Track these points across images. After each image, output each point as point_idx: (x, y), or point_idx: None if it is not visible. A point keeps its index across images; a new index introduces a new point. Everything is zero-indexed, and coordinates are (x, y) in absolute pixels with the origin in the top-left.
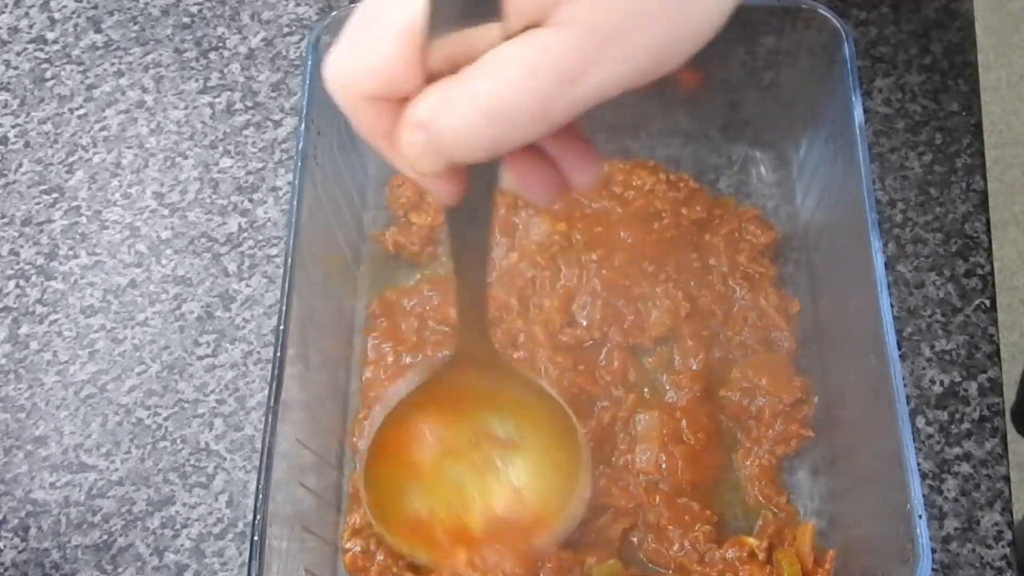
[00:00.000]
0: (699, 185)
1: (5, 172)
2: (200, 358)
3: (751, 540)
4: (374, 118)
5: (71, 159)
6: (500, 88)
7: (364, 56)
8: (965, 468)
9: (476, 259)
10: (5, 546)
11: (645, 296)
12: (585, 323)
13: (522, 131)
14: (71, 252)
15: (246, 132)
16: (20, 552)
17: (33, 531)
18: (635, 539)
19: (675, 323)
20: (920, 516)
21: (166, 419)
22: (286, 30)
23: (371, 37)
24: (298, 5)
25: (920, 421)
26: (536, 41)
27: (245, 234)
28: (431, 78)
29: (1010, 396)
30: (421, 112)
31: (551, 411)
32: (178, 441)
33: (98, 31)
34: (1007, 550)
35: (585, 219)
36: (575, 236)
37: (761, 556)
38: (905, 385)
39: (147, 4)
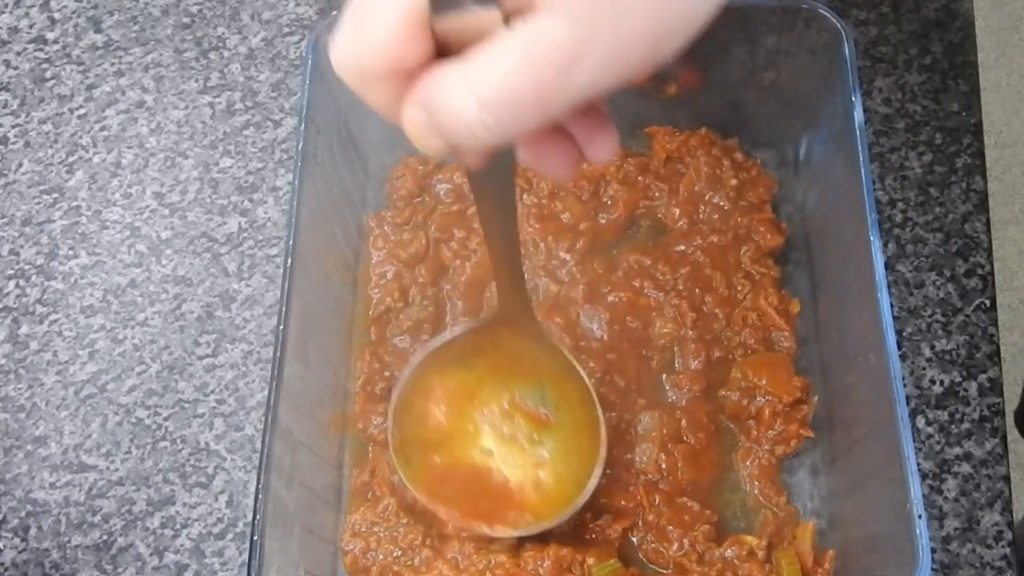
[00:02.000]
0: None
1: (5, 172)
2: (200, 358)
3: (750, 539)
4: (383, 94)
5: (71, 159)
6: (494, 75)
7: (367, 35)
8: (965, 468)
9: (503, 225)
10: (5, 546)
11: (651, 307)
12: (596, 331)
13: (520, 121)
14: (71, 252)
15: (246, 132)
16: (20, 552)
17: (33, 531)
18: (635, 539)
19: (679, 330)
20: (920, 516)
21: (166, 419)
22: (286, 30)
23: (373, 16)
24: (298, 5)
25: (920, 421)
26: (529, 29)
27: (245, 234)
28: (438, 53)
29: (1010, 396)
30: (422, 93)
31: (581, 396)
32: (178, 441)
33: (98, 31)
34: (1007, 550)
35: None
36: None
37: (761, 555)
38: (905, 385)
39: (147, 4)
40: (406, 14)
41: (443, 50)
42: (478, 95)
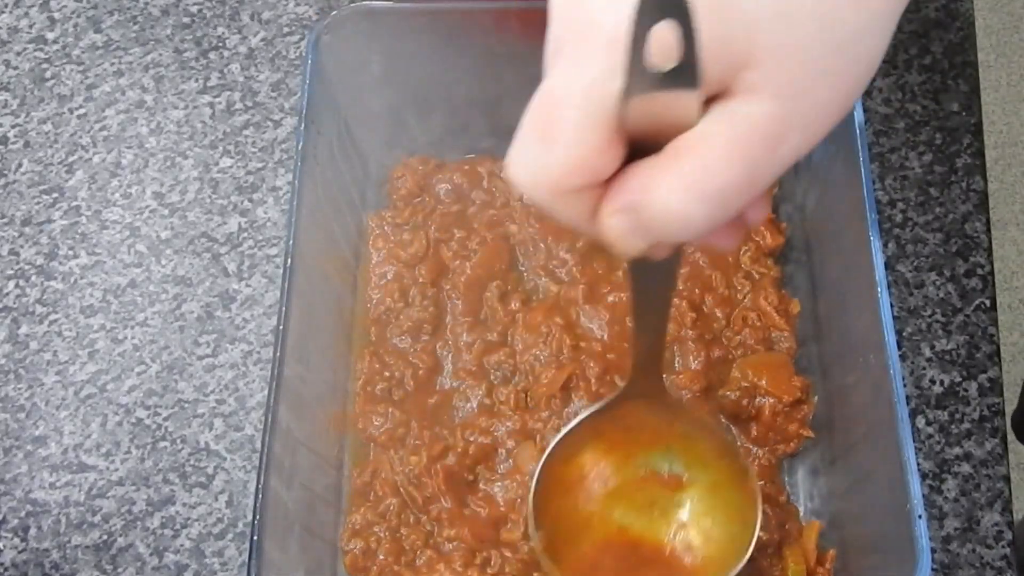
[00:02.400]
0: None
1: (5, 172)
2: (200, 358)
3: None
4: (579, 206)
5: (71, 159)
6: (710, 167)
7: (559, 152)
8: (965, 468)
9: (658, 306)
10: (5, 546)
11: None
12: (596, 331)
13: (733, 205)
14: (71, 252)
15: (246, 132)
16: (20, 552)
17: (33, 531)
18: None
19: (679, 330)
20: (920, 516)
21: (166, 419)
22: (286, 30)
23: (562, 128)
24: (298, 5)
25: (920, 421)
26: (739, 114)
27: (245, 234)
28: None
29: (1010, 396)
30: (628, 198)
31: (721, 449)
32: (178, 441)
33: (98, 31)
34: (1007, 550)
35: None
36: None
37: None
38: (905, 385)
39: (147, 4)
40: (600, 123)
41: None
42: (696, 193)
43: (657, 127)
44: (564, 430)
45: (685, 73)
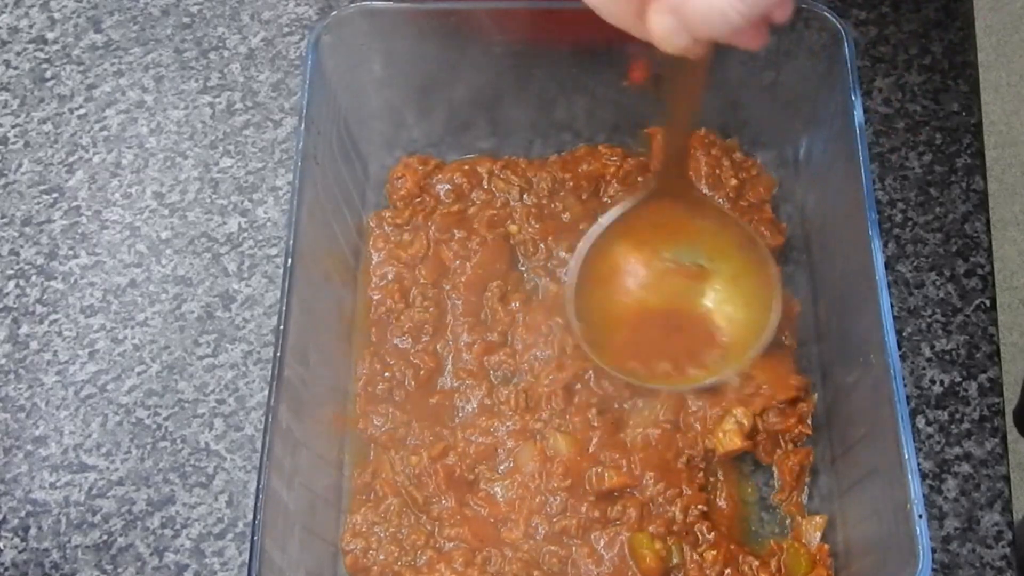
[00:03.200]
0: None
1: (5, 172)
2: (200, 358)
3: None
4: (625, 7)
5: (71, 159)
6: None
7: None
8: (965, 468)
9: (689, 105)
10: (5, 546)
11: None
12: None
13: (766, 2)
14: (71, 252)
15: (246, 132)
16: (20, 552)
17: (33, 531)
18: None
19: None
20: (920, 516)
21: (166, 419)
22: (286, 30)
23: None
24: (298, 5)
25: (920, 421)
26: None
27: (245, 234)
28: None
29: (1010, 396)
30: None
31: (741, 241)
32: (178, 441)
33: (98, 31)
34: (1007, 550)
35: None
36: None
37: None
38: (905, 385)
39: (147, 4)
40: None
41: None
42: None
43: None
44: (598, 228)
45: None
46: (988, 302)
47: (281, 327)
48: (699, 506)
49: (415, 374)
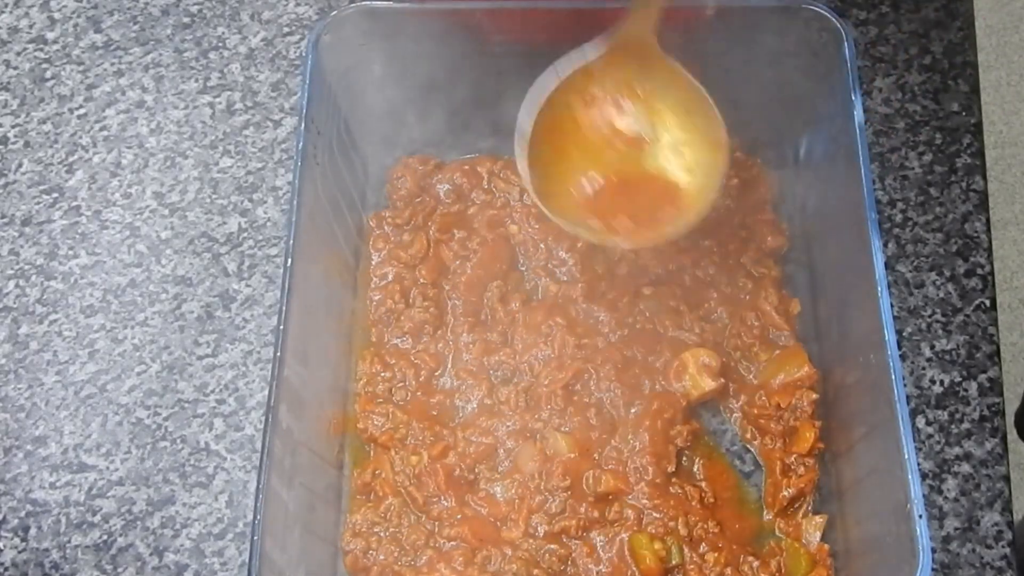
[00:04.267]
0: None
1: (5, 172)
2: (200, 358)
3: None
4: None
5: (71, 159)
6: None
7: None
8: (965, 468)
9: None
10: (5, 546)
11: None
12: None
13: None
14: (71, 252)
15: (246, 132)
16: (20, 552)
17: (33, 531)
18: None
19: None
20: (920, 516)
21: (166, 419)
22: (286, 30)
23: None
24: (298, 5)
25: (920, 421)
26: None
27: (245, 234)
28: None
29: (1010, 396)
30: None
31: (693, 102)
32: (178, 441)
33: (98, 31)
34: (1007, 550)
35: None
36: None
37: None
38: (905, 385)
39: (147, 4)
40: None
41: None
42: None
43: None
44: (553, 74)
45: None
46: (988, 302)
47: (281, 327)
48: (694, 518)
49: (415, 374)
